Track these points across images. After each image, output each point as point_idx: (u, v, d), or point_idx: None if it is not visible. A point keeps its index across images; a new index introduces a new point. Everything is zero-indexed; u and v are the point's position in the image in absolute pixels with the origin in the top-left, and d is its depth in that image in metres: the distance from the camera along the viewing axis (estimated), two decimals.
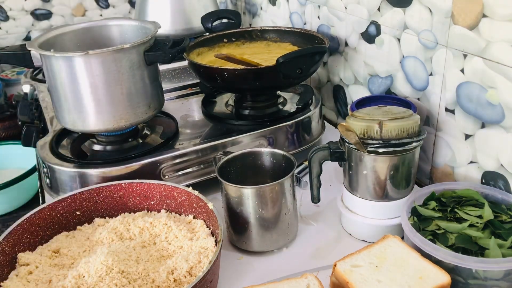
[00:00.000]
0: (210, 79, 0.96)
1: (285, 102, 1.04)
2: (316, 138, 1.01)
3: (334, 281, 0.64)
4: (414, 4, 0.84)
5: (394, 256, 0.64)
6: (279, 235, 0.75)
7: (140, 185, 0.79)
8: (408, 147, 0.71)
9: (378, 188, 0.74)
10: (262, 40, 1.14)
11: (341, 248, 0.77)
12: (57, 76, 0.80)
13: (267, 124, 0.93)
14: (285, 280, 0.64)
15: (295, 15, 1.27)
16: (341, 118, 1.17)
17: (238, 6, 1.65)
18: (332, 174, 0.93)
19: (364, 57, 1.02)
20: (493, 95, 0.73)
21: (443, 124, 0.84)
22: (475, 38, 0.73)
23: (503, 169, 0.75)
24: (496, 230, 0.66)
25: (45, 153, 0.88)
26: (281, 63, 0.85)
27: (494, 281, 0.61)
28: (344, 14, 1.04)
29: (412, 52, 0.88)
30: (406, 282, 0.60)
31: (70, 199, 0.76)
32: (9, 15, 1.72)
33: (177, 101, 1.10)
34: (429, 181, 0.91)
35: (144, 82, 0.85)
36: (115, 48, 0.79)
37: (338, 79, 1.14)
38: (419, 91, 0.88)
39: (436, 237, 0.67)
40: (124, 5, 1.86)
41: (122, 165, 0.82)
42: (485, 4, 0.71)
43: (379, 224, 0.76)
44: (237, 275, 0.72)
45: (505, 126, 0.72)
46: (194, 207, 0.77)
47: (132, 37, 0.93)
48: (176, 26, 1.32)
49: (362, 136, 0.71)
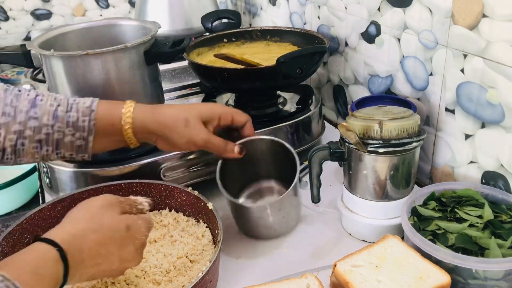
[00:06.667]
0: (210, 79, 0.96)
1: (285, 102, 1.04)
2: (316, 138, 1.01)
3: (334, 281, 0.64)
4: (414, 4, 0.84)
5: (394, 256, 0.64)
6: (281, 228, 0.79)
7: (140, 185, 0.79)
8: (408, 147, 0.71)
9: (378, 188, 0.74)
10: (262, 40, 1.13)
11: (341, 248, 0.77)
12: (57, 76, 0.80)
13: (267, 124, 0.93)
14: (285, 280, 0.64)
15: (295, 15, 1.27)
16: (341, 118, 1.17)
17: (238, 6, 1.65)
18: (332, 174, 0.93)
19: (364, 57, 1.02)
20: (493, 95, 0.73)
21: (443, 124, 0.84)
22: (475, 38, 0.73)
23: (503, 169, 0.75)
24: (496, 230, 0.66)
25: None
26: (281, 63, 0.85)
27: (494, 281, 0.61)
28: (344, 14, 1.04)
29: (412, 52, 0.88)
30: (406, 282, 0.60)
31: (70, 199, 0.76)
32: (9, 15, 1.72)
33: (177, 101, 1.10)
34: (429, 181, 0.91)
35: (144, 82, 0.85)
36: (115, 48, 0.79)
37: (338, 79, 1.14)
38: (419, 91, 0.88)
39: (436, 237, 0.67)
40: (124, 5, 1.86)
41: (122, 165, 0.82)
42: (485, 4, 0.71)
43: (379, 224, 0.76)
44: (237, 275, 0.72)
45: (505, 126, 0.72)
46: (194, 207, 0.77)
47: (132, 37, 0.93)
48: (176, 26, 1.32)
49: (362, 136, 0.71)
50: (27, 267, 0.50)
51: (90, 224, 0.57)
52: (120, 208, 0.61)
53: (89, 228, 0.57)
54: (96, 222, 0.57)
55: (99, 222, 0.58)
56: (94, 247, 0.56)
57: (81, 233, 0.56)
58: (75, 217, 0.59)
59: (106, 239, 0.57)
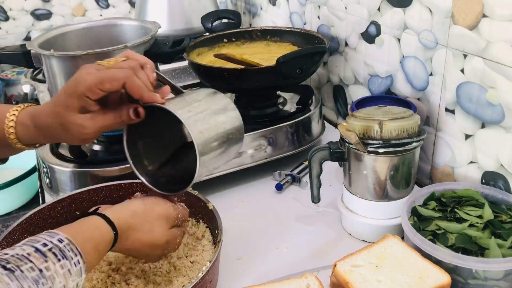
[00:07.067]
0: (210, 79, 0.96)
1: (285, 102, 1.04)
2: (316, 138, 1.01)
3: (334, 281, 0.64)
4: (414, 4, 0.84)
5: (394, 256, 0.64)
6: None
7: (140, 185, 0.79)
8: (408, 147, 0.71)
9: (378, 188, 0.74)
10: (262, 40, 1.13)
11: (341, 248, 0.77)
12: (57, 76, 0.80)
13: (267, 124, 0.93)
14: (285, 280, 0.64)
15: (295, 15, 1.27)
16: (341, 118, 1.17)
17: (238, 6, 1.65)
18: (332, 174, 0.93)
19: (364, 57, 1.02)
20: (493, 95, 0.73)
21: (443, 124, 0.84)
22: (475, 38, 0.73)
23: (503, 169, 0.75)
24: (496, 230, 0.66)
25: (45, 153, 0.88)
26: (281, 63, 0.85)
27: (494, 281, 0.61)
28: (344, 14, 1.04)
29: (412, 52, 0.88)
30: (406, 282, 0.60)
31: (70, 199, 0.76)
32: (9, 15, 1.72)
33: None
34: (429, 181, 0.91)
35: None
36: (115, 48, 0.79)
37: (338, 79, 1.14)
38: (419, 91, 0.88)
39: (436, 237, 0.67)
40: (124, 5, 1.86)
41: (122, 165, 0.82)
42: (485, 4, 0.71)
43: (379, 224, 0.76)
44: (237, 275, 0.72)
45: (505, 126, 0.72)
46: (194, 207, 0.77)
47: (132, 37, 0.93)
48: (176, 26, 1.32)
49: (362, 136, 0.71)
50: (91, 241, 0.54)
51: (145, 224, 0.61)
52: (172, 224, 0.64)
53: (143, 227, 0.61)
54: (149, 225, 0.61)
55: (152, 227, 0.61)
56: (136, 244, 0.60)
57: (135, 228, 0.60)
58: (135, 209, 0.61)
59: (147, 243, 0.61)
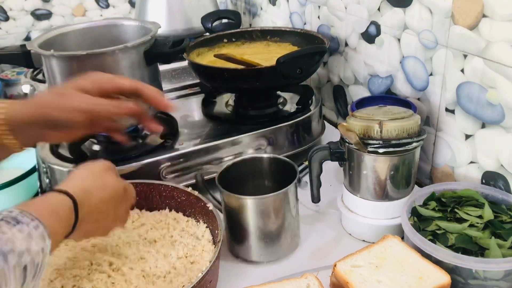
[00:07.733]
0: (210, 79, 0.96)
1: (285, 102, 1.04)
2: (316, 138, 1.01)
3: (334, 281, 0.64)
4: (414, 4, 0.84)
5: (394, 256, 0.64)
6: (281, 246, 0.74)
7: (140, 185, 0.79)
8: (408, 147, 0.71)
9: (378, 188, 0.74)
10: (262, 40, 1.13)
11: (341, 248, 0.77)
12: (57, 76, 0.80)
13: (267, 124, 0.93)
14: (285, 280, 0.64)
15: (295, 15, 1.27)
16: (341, 118, 1.17)
17: (238, 6, 1.65)
18: (332, 174, 0.93)
19: (364, 57, 1.02)
20: (493, 95, 0.73)
21: (443, 124, 0.84)
22: (475, 38, 0.73)
23: (503, 169, 0.75)
24: (496, 230, 0.66)
25: (45, 153, 0.88)
26: (281, 63, 0.85)
27: (494, 281, 0.61)
28: (344, 14, 1.04)
29: (412, 52, 0.88)
30: (406, 282, 0.60)
31: None
32: (9, 15, 1.72)
33: (177, 101, 1.10)
34: (429, 181, 0.91)
35: (144, 82, 0.84)
36: (115, 48, 0.79)
37: (338, 79, 1.14)
38: (419, 91, 0.88)
39: (436, 237, 0.67)
40: (124, 5, 1.86)
41: (122, 165, 0.82)
42: (485, 4, 0.71)
43: (379, 224, 0.76)
44: (237, 275, 0.72)
45: (505, 126, 0.72)
46: (194, 207, 0.77)
47: (132, 37, 0.93)
48: (176, 26, 1.32)
49: (362, 136, 0.71)
50: (47, 207, 0.53)
51: (96, 182, 0.60)
52: (116, 172, 0.64)
53: (96, 186, 0.60)
54: (101, 181, 0.61)
55: (104, 181, 0.61)
56: (99, 204, 0.59)
57: (90, 189, 0.59)
58: (80, 175, 0.61)
59: (108, 198, 0.61)
